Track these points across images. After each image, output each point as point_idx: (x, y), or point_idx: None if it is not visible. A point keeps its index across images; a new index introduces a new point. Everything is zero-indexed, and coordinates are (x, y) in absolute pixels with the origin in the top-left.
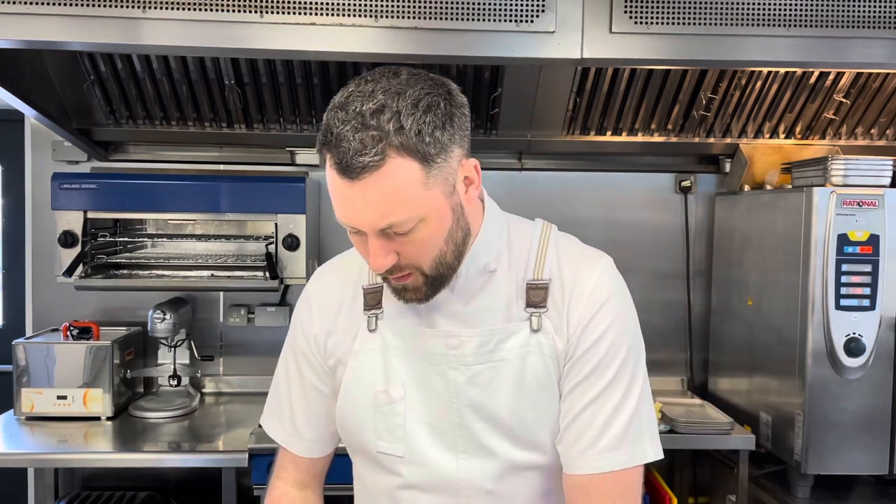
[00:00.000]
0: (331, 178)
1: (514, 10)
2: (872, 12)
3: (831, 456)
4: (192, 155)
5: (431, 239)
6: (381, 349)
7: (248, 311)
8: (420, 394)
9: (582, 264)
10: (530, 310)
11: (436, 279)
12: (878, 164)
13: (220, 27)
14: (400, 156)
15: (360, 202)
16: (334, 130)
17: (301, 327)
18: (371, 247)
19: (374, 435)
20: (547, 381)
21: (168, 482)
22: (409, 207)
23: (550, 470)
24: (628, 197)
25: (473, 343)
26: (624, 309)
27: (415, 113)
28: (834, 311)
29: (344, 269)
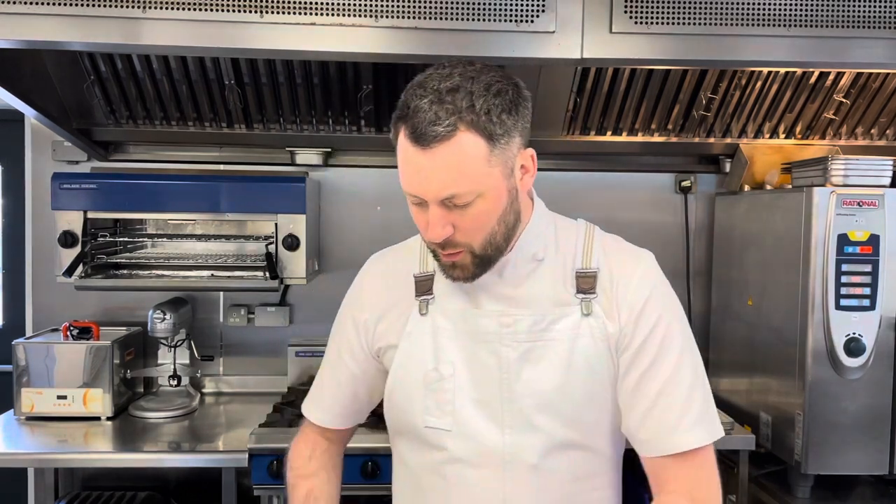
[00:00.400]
0: (402, 148)
1: (514, 10)
2: (872, 12)
3: (831, 456)
4: (192, 155)
5: (486, 215)
6: (431, 331)
7: (248, 311)
8: (469, 371)
9: (627, 257)
10: (581, 295)
11: (483, 259)
12: (878, 164)
13: (220, 27)
14: (469, 131)
15: (428, 170)
16: (411, 104)
17: (351, 315)
18: (431, 216)
19: (423, 410)
20: (597, 363)
21: (168, 482)
22: (471, 180)
23: (593, 451)
24: (628, 197)
25: (527, 322)
26: (672, 297)
27: (486, 95)
28: (834, 311)
29: (396, 259)
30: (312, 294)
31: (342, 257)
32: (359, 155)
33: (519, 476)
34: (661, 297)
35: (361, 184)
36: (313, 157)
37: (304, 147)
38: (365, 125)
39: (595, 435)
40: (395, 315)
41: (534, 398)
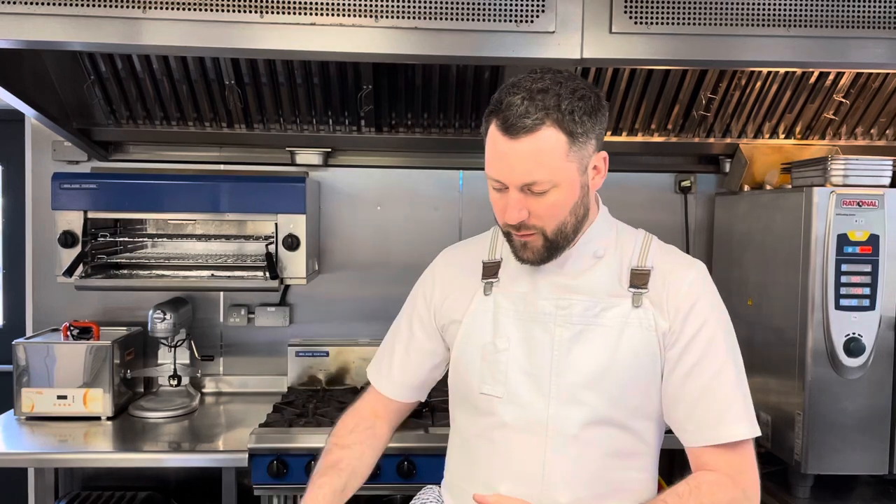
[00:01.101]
0: (492, 137)
1: (514, 10)
2: (872, 12)
3: (831, 456)
4: (192, 155)
5: (560, 205)
6: (492, 310)
7: (248, 311)
8: (523, 347)
9: (680, 260)
10: (633, 289)
11: (553, 244)
12: (877, 164)
13: (220, 27)
14: (553, 127)
15: (513, 158)
16: (505, 99)
17: (423, 292)
18: (511, 199)
19: (480, 379)
20: (642, 351)
21: (168, 482)
22: (550, 171)
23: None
24: (628, 197)
25: (581, 305)
26: (720, 305)
27: (571, 98)
28: (834, 311)
29: (467, 250)
30: (312, 294)
31: (342, 257)
32: (359, 155)
33: (560, 444)
34: (710, 303)
35: (361, 184)
36: (313, 157)
37: (304, 147)
38: (365, 125)
39: (635, 417)
40: (461, 295)
41: (580, 375)
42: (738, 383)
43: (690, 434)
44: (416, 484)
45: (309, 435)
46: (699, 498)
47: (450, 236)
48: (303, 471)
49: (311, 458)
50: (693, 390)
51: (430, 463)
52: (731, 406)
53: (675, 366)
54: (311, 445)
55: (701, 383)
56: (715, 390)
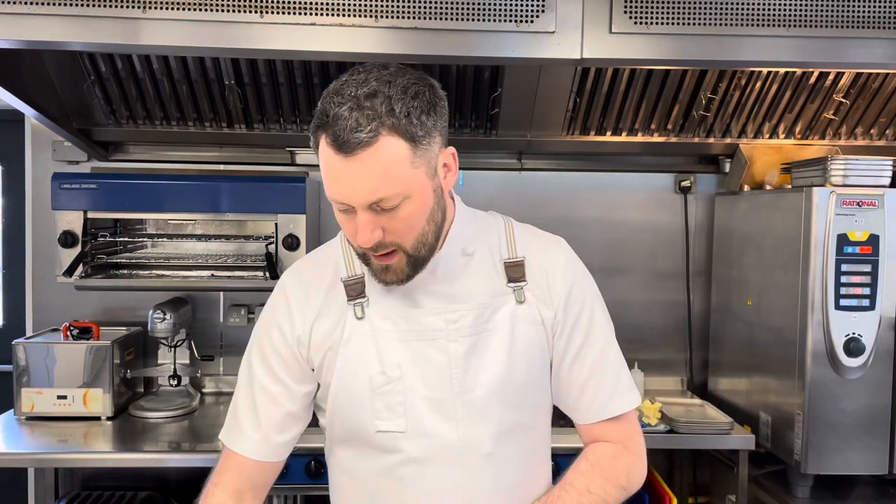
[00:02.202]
0: (325, 156)
1: (514, 10)
2: (872, 12)
3: (831, 456)
4: (192, 155)
5: (415, 216)
6: (371, 334)
7: (248, 311)
8: (418, 371)
9: (548, 244)
10: (512, 284)
11: (416, 259)
12: (877, 164)
13: (220, 27)
14: (391, 135)
15: (353, 177)
16: (331, 112)
17: (278, 328)
18: (360, 222)
19: (373, 415)
20: (535, 346)
21: (168, 482)
22: (397, 183)
23: (533, 429)
24: (628, 197)
25: (471, 316)
26: (590, 279)
27: (404, 98)
28: (833, 311)
29: (318, 267)
30: None
31: None
32: None
33: (475, 466)
34: (583, 282)
35: None
36: (313, 157)
37: (304, 147)
38: None
39: (537, 415)
40: (328, 323)
41: (482, 388)
42: (619, 357)
43: (583, 413)
44: None
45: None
46: (601, 472)
47: None
48: (303, 471)
49: (311, 458)
50: (583, 371)
51: None
52: (619, 380)
53: (564, 351)
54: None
55: (589, 363)
56: (603, 367)
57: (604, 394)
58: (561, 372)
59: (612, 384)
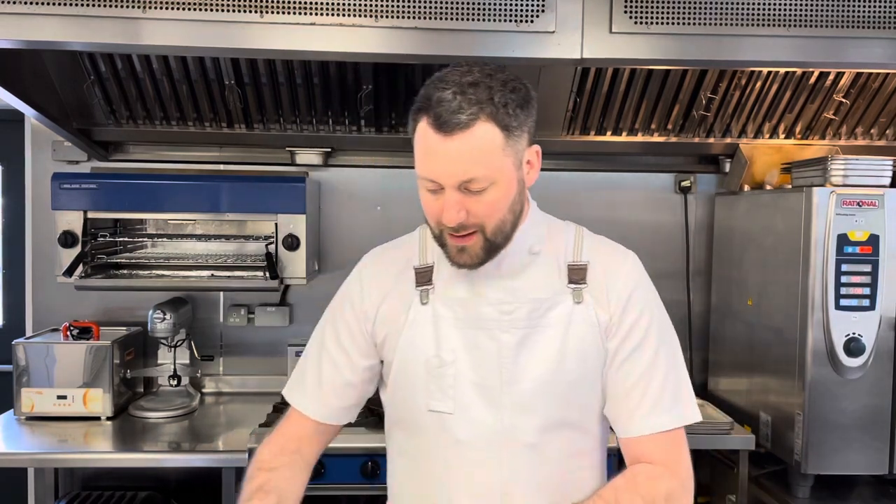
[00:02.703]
0: (423, 136)
1: (514, 10)
2: (872, 12)
3: (831, 456)
4: (192, 155)
5: (499, 202)
6: (432, 320)
7: (248, 311)
8: (469, 357)
9: (614, 252)
10: (572, 286)
11: (492, 244)
12: (877, 164)
13: (220, 27)
14: (488, 121)
15: (449, 157)
16: (434, 95)
17: (351, 304)
18: (447, 200)
19: (426, 395)
20: (589, 347)
21: (168, 482)
22: (488, 167)
23: (584, 431)
24: (628, 197)
25: (525, 309)
26: (654, 293)
27: (503, 90)
28: (834, 311)
29: (394, 254)
30: (312, 294)
31: (342, 257)
32: (359, 155)
33: (517, 455)
34: (645, 292)
35: (361, 184)
36: (313, 157)
37: (304, 147)
38: (365, 125)
39: (586, 415)
40: (395, 305)
41: (530, 380)
42: (669, 373)
43: (624, 423)
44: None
45: None
46: (636, 489)
47: None
48: None
49: None
50: (625, 382)
51: None
52: (661, 397)
53: (614, 357)
54: None
55: (634, 375)
56: (647, 381)
57: (647, 404)
58: (609, 374)
59: (658, 396)
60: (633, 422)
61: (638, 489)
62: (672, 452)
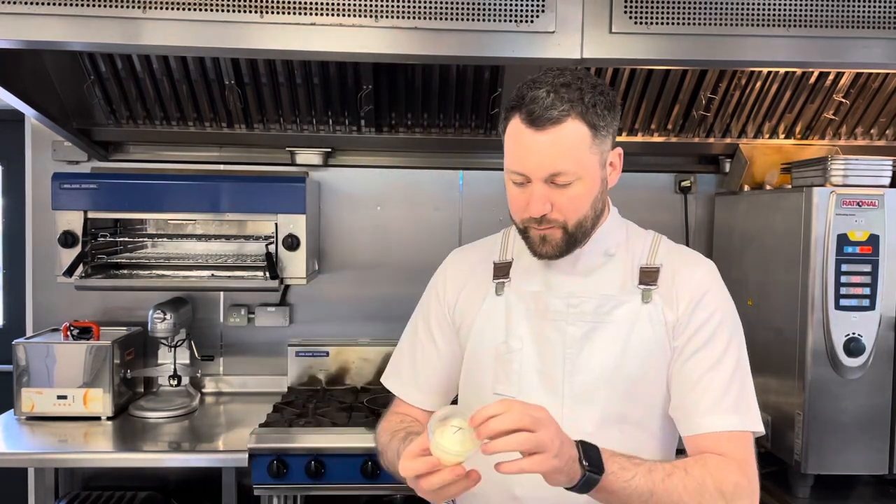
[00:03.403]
0: (516, 132)
1: (514, 10)
2: (872, 12)
3: (831, 456)
4: (192, 155)
5: (582, 198)
6: (504, 309)
7: (248, 311)
8: (536, 346)
9: (690, 258)
10: (642, 286)
11: (572, 237)
12: (877, 164)
13: (220, 27)
14: (578, 119)
15: (539, 150)
16: (528, 94)
17: (436, 294)
18: (535, 192)
19: (493, 379)
20: (653, 346)
21: (168, 482)
22: (575, 163)
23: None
24: (628, 197)
25: (592, 303)
26: (729, 299)
27: (593, 92)
28: (833, 311)
29: (478, 250)
30: (312, 294)
31: (342, 257)
32: (359, 155)
33: None
34: (719, 296)
35: (361, 184)
36: (313, 157)
37: (304, 147)
38: (365, 125)
39: (648, 414)
40: (473, 294)
41: (592, 373)
42: (735, 376)
43: (686, 421)
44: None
45: (309, 435)
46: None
47: (450, 236)
48: (303, 471)
49: (311, 458)
50: (688, 380)
51: None
52: (722, 397)
53: (681, 351)
54: (311, 445)
55: (697, 373)
56: (710, 380)
57: (709, 401)
58: (674, 370)
59: (720, 396)
60: (695, 418)
61: (708, 468)
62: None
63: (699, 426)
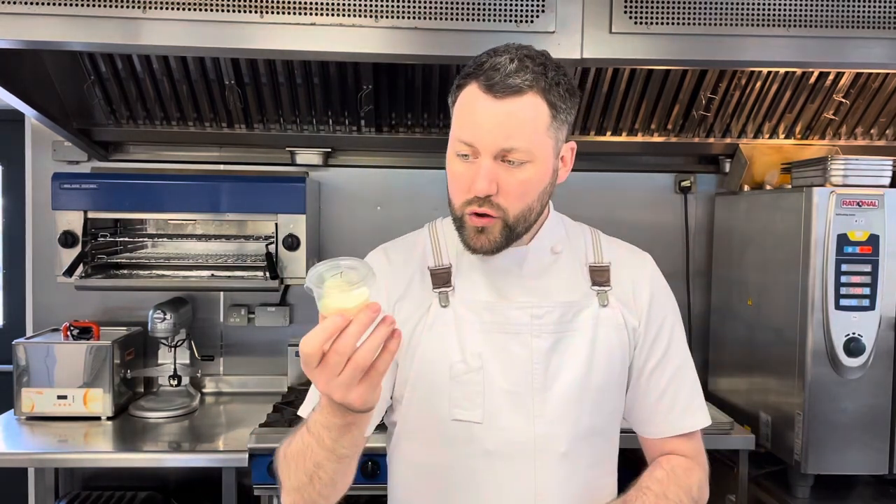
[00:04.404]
0: (470, 99)
1: (514, 10)
2: (872, 12)
3: (831, 456)
4: (192, 155)
5: (530, 184)
6: (454, 323)
7: (248, 311)
8: (498, 363)
9: (634, 254)
10: (596, 288)
11: (511, 230)
12: (877, 164)
13: (220, 27)
14: (539, 95)
15: (495, 120)
16: (488, 62)
17: None
18: (482, 167)
19: (450, 403)
20: (617, 349)
21: (168, 482)
22: (530, 141)
23: (607, 437)
24: (628, 197)
25: (556, 313)
26: (673, 298)
27: (557, 71)
28: (834, 311)
29: (405, 251)
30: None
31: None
32: (359, 155)
33: (548, 465)
34: (667, 297)
35: (361, 184)
36: (313, 157)
37: (304, 147)
38: (365, 125)
39: (611, 422)
40: (410, 306)
41: (562, 387)
42: (695, 375)
43: (658, 426)
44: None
45: None
46: (677, 481)
47: None
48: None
49: None
50: (660, 383)
51: None
52: (693, 397)
53: (645, 362)
54: None
55: (667, 376)
56: (681, 382)
57: (679, 408)
58: (640, 382)
59: (688, 400)
60: (667, 423)
61: (679, 481)
62: (696, 447)
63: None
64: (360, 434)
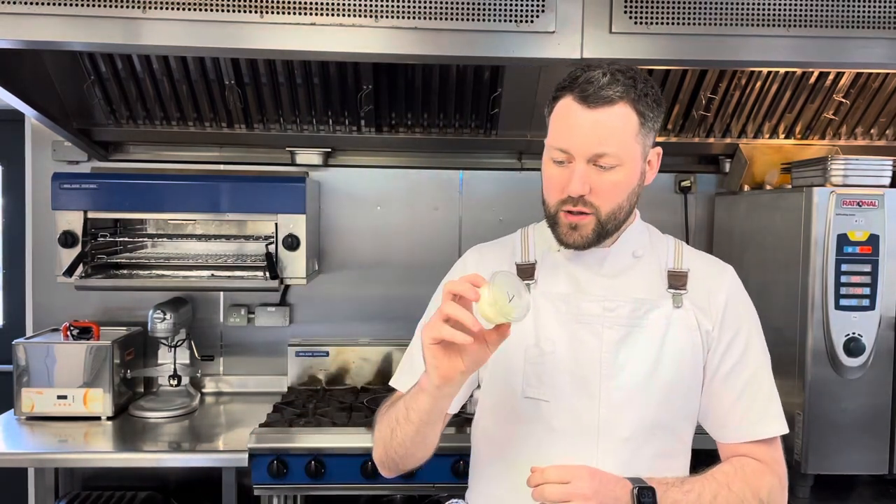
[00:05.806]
0: (565, 110)
1: (514, 10)
2: (872, 12)
3: (831, 456)
4: (192, 155)
5: (621, 186)
6: (533, 312)
7: (248, 311)
8: (570, 349)
9: (714, 264)
10: (672, 290)
11: (603, 227)
12: (877, 164)
13: (220, 27)
14: (629, 105)
15: (589, 128)
16: (581, 76)
17: None
18: (576, 171)
19: (524, 381)
20: (688, 351)
21: (168, 482)
22: (620, 146)
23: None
24: None
25: (628, 307)
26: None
27: (645, 83)
28: (833, 311)
29: (498, 250)
30: (312, 294)
31: (342, 257)
32: (359, 155)
33: (610, 448)
34: (745, 306)
35: (361, 184)
36: (313, 157)
37: (304, 147)
38: (365, 125)
39: (679, 418)
40: None
41: (628, 377)
42: (773, 382)
43: (731, 431)
44: (417, 484)
45: (309, 435)
46: (744, 477)
47: (450, 236)
48: (303, 471)
49: (311, 458)
50: (735, 387)
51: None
52: (769, 403)
53: (718, 365)
54: (311, 445)
55: (742, 381)
56: (756, 388)
57: (754, 414)
58: (713, 386)
59: (764, 406)
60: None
61: (746, 479)
62: (773, 452)
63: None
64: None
